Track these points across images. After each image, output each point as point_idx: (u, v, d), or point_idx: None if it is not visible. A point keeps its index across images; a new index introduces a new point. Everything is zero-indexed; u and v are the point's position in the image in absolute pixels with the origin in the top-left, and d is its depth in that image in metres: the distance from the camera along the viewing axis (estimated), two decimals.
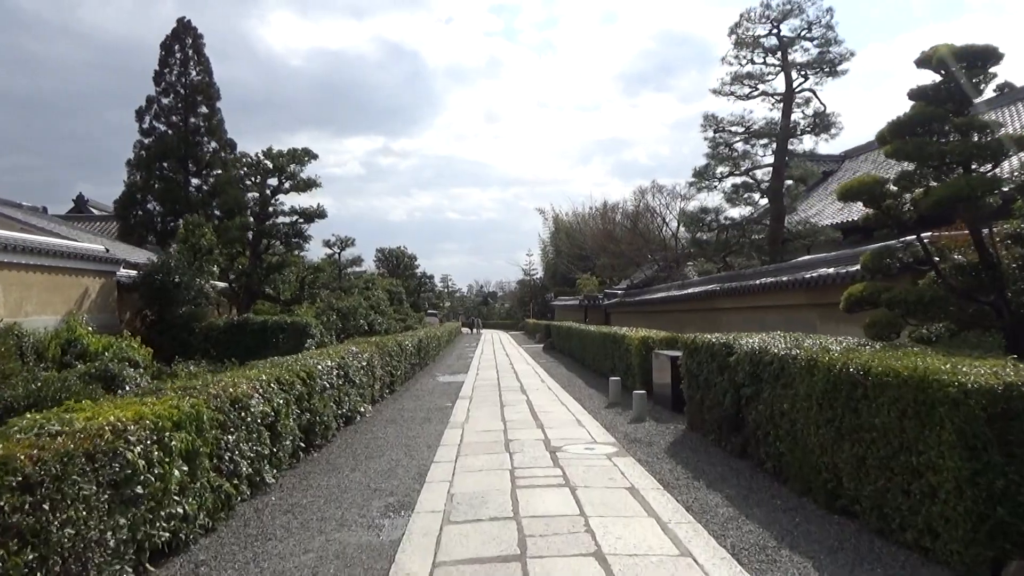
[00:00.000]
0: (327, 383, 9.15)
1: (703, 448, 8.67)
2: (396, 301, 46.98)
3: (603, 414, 12.00)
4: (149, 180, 31.32)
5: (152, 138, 31.81)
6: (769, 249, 19.19)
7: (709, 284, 19.24)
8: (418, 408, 13.12)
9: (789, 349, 6.67)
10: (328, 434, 9.22)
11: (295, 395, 7.77)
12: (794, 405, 6.33)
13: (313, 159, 21.11)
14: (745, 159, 20.41)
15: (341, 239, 36.76)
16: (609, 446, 8.98)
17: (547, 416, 11.74)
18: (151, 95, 32.20)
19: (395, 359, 15.66)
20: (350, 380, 10.65)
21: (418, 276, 75.23)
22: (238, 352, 16.75)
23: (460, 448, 9.01)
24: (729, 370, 8.04)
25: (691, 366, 9.64)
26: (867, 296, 8.73)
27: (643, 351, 13.99)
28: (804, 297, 13.42)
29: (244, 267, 19.99)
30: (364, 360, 11.86)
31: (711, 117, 20.83)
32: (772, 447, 6.88)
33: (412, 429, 10.65)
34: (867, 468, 5.19)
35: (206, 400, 5.48)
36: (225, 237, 20.22)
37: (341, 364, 10.15)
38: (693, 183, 20.60)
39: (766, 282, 14.81)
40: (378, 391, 13.48)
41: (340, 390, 9.96)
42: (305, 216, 20.88)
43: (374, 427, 10.81)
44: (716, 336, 9.12)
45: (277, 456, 7.06)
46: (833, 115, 19.44)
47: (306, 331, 16.96)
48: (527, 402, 13.78)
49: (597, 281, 48.40)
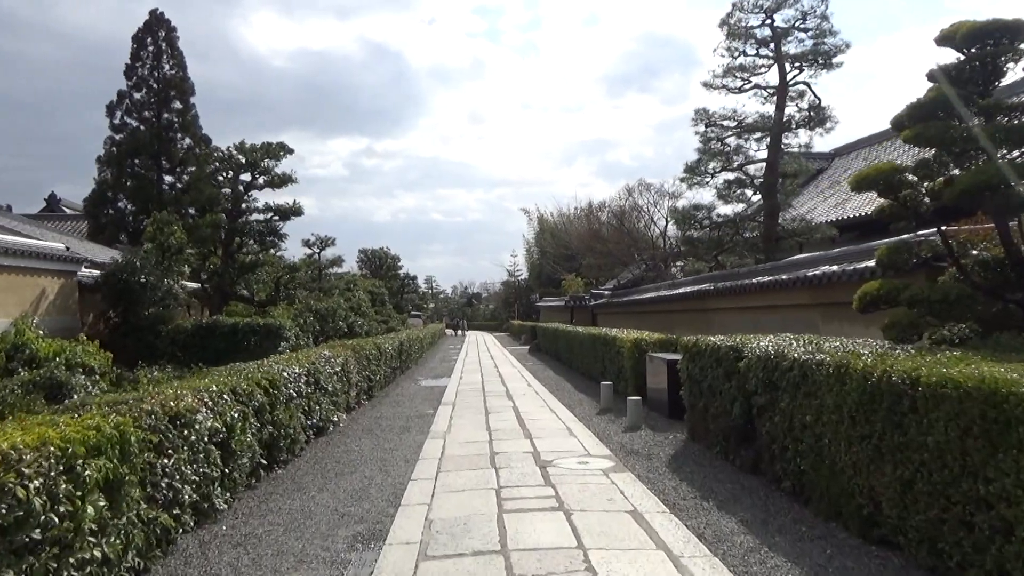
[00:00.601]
0: (294, 392, 8.30)
1: (708, 462, 7.89)
2: (378, 302, 46.02)
3: (595, 422, 11.22)
4: (120, 177, 30.14)
5: (123, 134, 30.60)
6: (763, 247, 18.52)
7: (701, 283, 18.53)
8: (397, 416, 12.28)
9: (811, 353, 5.90)
10: (295, 448, 8.36)
11: (254, 407, 6.92)
12: (819, 417, 5.57)
13: (289, 154, 20.21)
14: (738, 154, 19.75)
15: (321, 238, 35.86)
16: (605, 459, 8.19)
17: (535, 424, 10.94)
18: (122, 89, 31.01)
19: (373, 363, 14.80)
20: (321, 387, 9.79)
21: (401, 277, 74.22)
22: (207, 356, 15.84)
23: (441, 463, 8.18)
24: (738, 376, 7.28)
25: (692, 371, 8.88)
26: (884, 294, 8.01)
27: (636, 354, 13.23)
28: (806, 296, 12.71)
29: (216, 267, 19.02)
30: (338, 365, 11.00)
31: (702, 111, 20.16)
32: (791, 464, 6.12)
33: (389, 440, 9.81)
34: (915, 494, 4.44)
35: (137, 418, 4.63)
36: (196, 235, 19.23)
37: (311, 370, 9.29)
38: (684, 178, 19.94)
39: (764, 281, 14.09)
40: (354, 398, 12.62)
41: (310, 399, 9.11)
42: (280, 213, 19.93)
43: (348, 438, 9.96)
44: (722, 338, 8.36)
45: (231, 478, 6.20)
46: (828, 108, 18.82)
47: (279, 334, 16.06)
48: (513, 408, 12.97)
49: (583, 282, 47.73)
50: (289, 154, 20.11)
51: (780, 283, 13.35)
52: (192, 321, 16.38)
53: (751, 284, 14.73)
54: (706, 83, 20.15)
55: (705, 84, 20.17)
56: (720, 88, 20.07)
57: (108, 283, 16.24)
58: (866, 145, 29.75)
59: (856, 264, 10.91)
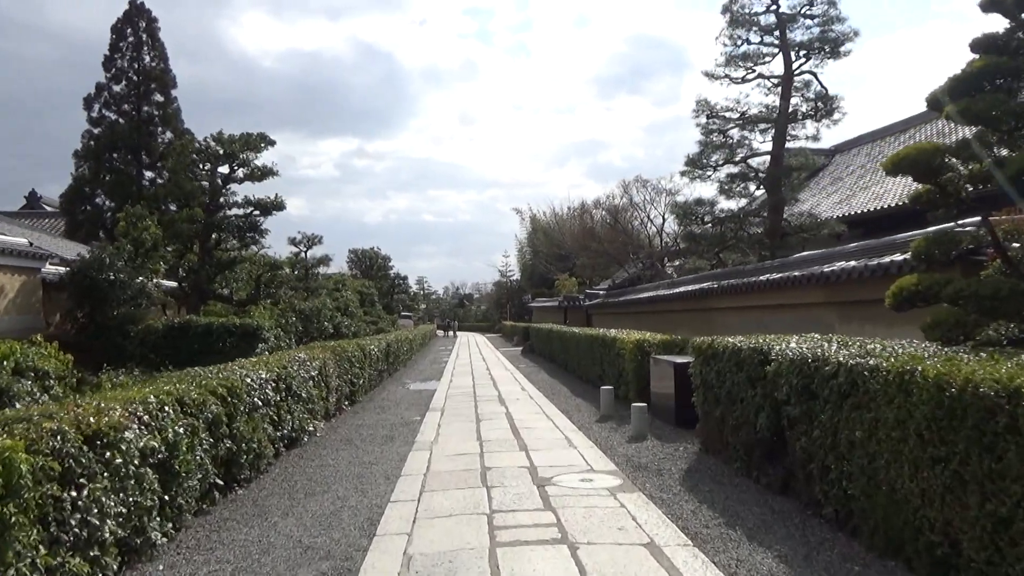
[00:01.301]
0: (259, 400, 7.34)
1: (727, 479, 6.98)
2: (368, 303, 45.02)
3: (596, 430, 10.30)
4: (98, 173, 29.09)
5: (102, 128, 29.56)
6: (769, 243, 17.64)
7: (703, 282, 17.65)
8: (381, 423, 11.32)
9: (861, 357, 5.00)
10: (260, 464, 7.39)
11: (207, 419, 5.96)
12: (874, 434, 4.67)
13: (270, 145, 19.15)
14: (741, 147, 18.85)
15: (308, 236, 34.72)
16: (610, 476, 7.26)
17: (531, 434, 10.01)
18: (101, 82, 29.96)
19: (357, 366, 13.83)
20: (294, 394, 8.83)
21: (391, 277, 73.17)
22: (180, 359, 14.83)
23: (426, 480, 7.24)
24: (764, 382, 6.37)
25: (707, 376, 7.96)
26: (924, 290, 7.14)
27: (638, 356, 12.32)
28: (820, 295, 11.83)
29: (192, 264, 17.99)
30: (314, 369, 10.04)
31: (703, 102, 19.24)
32: (835, 487, 5.21)
33: (370, 452, 8.86)
34: (1013, 536, 3.53)
35: (34, 440, 3.67)
36: (172, 231, 18.21)
37: (281, 375, 8.33)
38: (686, 172, 18.99)
39: (773, 279, 13.19)
40: (334, 404, 11.66)
41: (279, 407, 8.15)
42: (261, 208, 18.90)
43: (324, 450, 9.00)
44: (741, 339, 7.45)
45: (174, 505, 5.24)
46: (836, 98, 17.94)
47: (256, 335, 15.06)
48: (507, 415, 12.04)
49: (576, 281, 46.89)
50: (270, 146, 19.07)
51: (791, 281, 12.46)
52: (164, 321, 15.38)
53: (759, 282, 13.83)
54: (707, 72, 19.24)
55: (706, 74, 19.26)
56: (722, 78, 19.17)
57: (74, 281, 15.22)
58: (868, 141, 29.02)
59: (880, 259, 10.03)
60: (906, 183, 20.51)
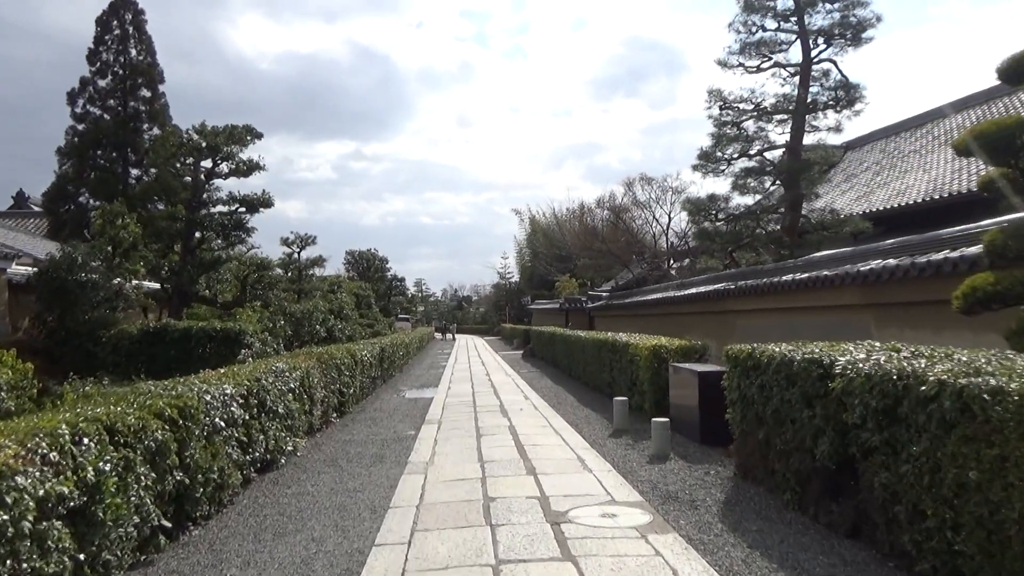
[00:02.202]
0: (222, 420, 6.24)
1: (777, 515, 5.88)
2: (364, 305, 43.89)
3: (610, 448, 9.20)
4: (82, 170, 27.97)
5: (86, 124, 28.45)
6: (788, 241, 16.56)
7: (718, 283, 16.58)
8: (371, 439, 10.22)
9: (972, 375, 3.90)
10: (223, 495, 6.28)
11: (148, 449, 4.86)
12: (998, 476, 3.58)
13: (257, 139, 18.05)
14: (756, 140, 17.78)
15: (301, 237, 33.53)
16: (636, 509, 6.16)
17: (538, 452, 8.90)
18: (85, 76, 28.85)
19: (346, 374, 12.72)
20: (269, 410, 7.72)
21: (389, 279, 72.02)
22: (155, 366, 13.74)
23: (418, 515, 6.14)
24: (826, 401, 5.28)
25: (747, 390, 6.87)
26: (1004, 291, 6.10)
27: (655, 364, 11.22)
28: (856, 295, 10.74)
29: (173, 264, 16.86)
30: (294, 380, 8.93)
31: (716, 92, 18.15)
32: (935, 538, 4.11)
33: (356, 476, 7.76)
34: None
35: None
36: (151, 229, 17.09)
37: (253, 389, 7.22)
38: (698, 166, 17.91)
39: (800, 279, 12.10)
40: (319, 417, 10.56)
41: (249, 427, 7.05)
42: (247, 205, 17.77)
43: (304, 473, 7.89)
44: (788, 347, 6.34)
45: (97, 563, 4.13)
46: (859, 87, 16.87)
47: (239, 339, 13.94)
48: (510, 429, 10.93)
49: (577, 283, 45.81)
50: (257, 139, 17.95)
51: (822, 281, 11.38)
52: (138, 326, 14.27)
53: (783, 283, 12.75)
54: (720, 61, 18.19)
55: (719, 63, 18.21)
56: (736, 67, 18.11)
57: (42, 282, 14.10)
58: (881, 137, 28.01)
59: (928, 255, 8.96)
60: (930, 179, 19.45)
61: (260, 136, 18.02)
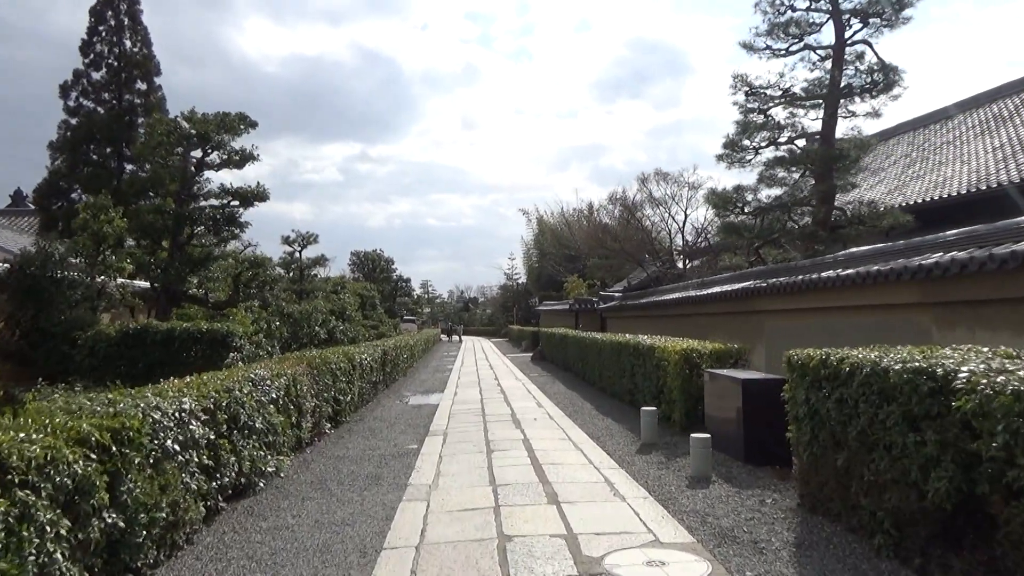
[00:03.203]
0: (175, 443, 5.07)
1: (869, 564, 4.67)
2: (368, 306, 42.80)
3: (641, 467, 8.01)
4: (75, 165, 26.90)
5: (79, 118, 27.41)
6: (821, 236, 15.32)
7: (745, 280, 15.37)
8: (367, 454, 9.05)
9: None
10: (176, 536, 5.09)
11: (63, 487, 3.69)
12: None
13: (251, 128, 16.89)
14: (784, 128, 16.55)
15: (302, 235, 32.54)
16: (688, 554, 4.96)
17: (559, 473, 7.71)
18: (79, 68, 27.82)
19: (343, 380, 11.57)
20: (244, 426, 6.56)
21: (394, 280, 70.95)
22: (136, 370, 12.65)
23: (418, 560, 4.95)
24: (942, 424, 4.09)
25: (818, 404, 5.65)
26: None
27: (686, 370, 10.02)
28: (913, 293, 9.51)
29: (159, 261, 15.73)
30: (278, 389, 7.77)
31: (741, 77, 16.95)
32: None
33: (346, 503, 6.58)
34: None
35: None
36: (137, 223, 15.97)
37: (221, 403, 6.05)
38: (723, 155, 16.71)
39: (846, 275, 10.88)
40: (310, 430, 9.39)
41: (217, 448, 5.88)
42: (240, 197, 16.62)
43: (285, 500, 6.72)
44: (880, 353, 5.12)
45: None
46: (896, 70, 15.60)
47: (226, 342, 12.79)
48: (524, 442, 9.74)
49: (586, 284, 44.60)
50: (251, 128, 16.79)
51: (872, 277, 10.16)
52: (117, 327, 13.15)
53: (823, 280, 11.53)
54: (745, 44, 16.98)
55: (744, 45, 17.01)
56: (762, 50, 16.89)
57: (14, 279, 13.00)
58: (908, 130, 26.81)
59: (1011, 245, 7.73)
60: (971, 170, 18.19)
61: (254, 125, 16.88)
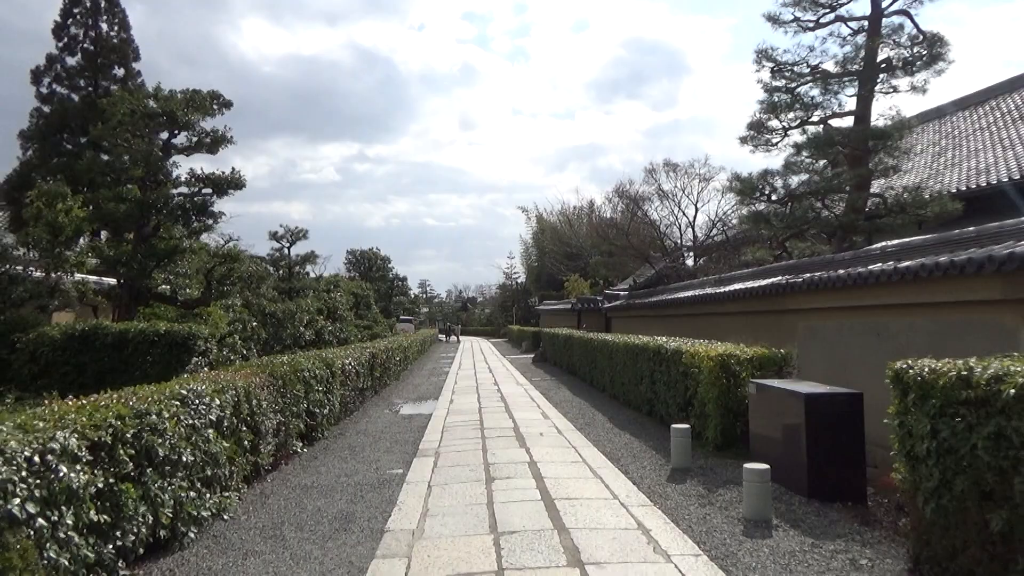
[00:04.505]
0: (27, 506, 3.45)
1: None
2: (363, 306, 41.23)
3: (678, 502, 6.42)
4: (46, 156, 25.27)
5: (52, 105, 25.79)
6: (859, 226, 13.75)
7: (771, 276, 13.78)
8: (342, 482, 7.44)
9: None
10: None
11: None
12: None
13: (225, 108, 15.32)
14: (815, 107, 15.00)
15: (291, 230, 31.03)
16: None
17: (577, 514, 6.10)
18: (52, 53, 26.20)
19: (319, 389, 9.96)
20: (165, 461, 4.95)
21: (390, 279, 69.36)
22: (83, 378, 11.05)
23: None
24: None
25: (953, 439, 4.04)
26: None
27: (723, 379, 8.43)
28: (991, 289, 7.90)
29: (120, 255, 14.11)
30: (223, 406, 6.15)
31: (765, 52, 15.42)
32: None
33: (302, 563, 4.97)
34: None
35: None
36: (97, 213, 14.35)
37: (121, 433, 4.44)
38: (747, 137, 15.15)
39: (905, 267, 9.28)
40: (272, 453, 7.78)
41: (114, 496, 4.27)
42: (212, 184, 14.99)
43: (220, 558, 5.10)
44: None
45: None
46: (941, 41, 14.04)
47: (188, 344, 11.18)
48: (530, 467, 8.14)
49: (588, 283, 43.07)
50: (226, 108, 15.22)
51: (942, 269, 8.56)
52: (61, 328, 11.53)
53: (876, 273, 9.93)
54: (771, 16, 15.46)
55: (769, 17, 15.49)
56: (790, 23, 15.38)
57: None
58: (934, 117, 25.26)
59: None
60: (1015, 156, 16.66)
61: (228, 105, 15.27)
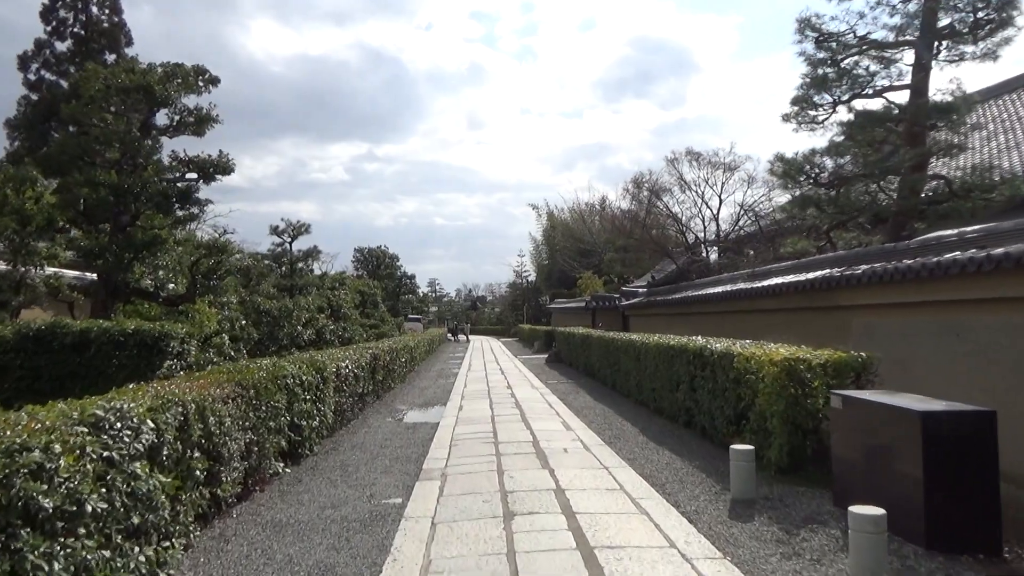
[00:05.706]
0: None
1: None
2: (370, 304, 39.85)
3: (750, 548, 4.94)
4: (34, 145, 24.01)
5: (40, 92, 24.54)
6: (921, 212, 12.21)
7: (818, 268, 12.28)
8: (324, 518, 6.00)
9: None
10: None
11: None
12: None
13: (212, 85, 13.92)
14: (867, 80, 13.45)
15: (292, 225, 29.68)
16: None
17: (628, 572, 4.62)
18: (40, 37, 24.97)
19: (305, 398, 8.52)
20: (53, 517, 3.52)
21: (398, 277, 68.03)
22: (38, 383, 9.67)
23: None
24: None
25: None
26: None
27: (790, 388, 6.92)
28: None
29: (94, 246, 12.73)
30: (162, 429, 4.71)
31: (807, 21, 13.88)
32: None
33: None
34: None
35: None
36: (67, 198, 12.98)
37: None
38: (790, 115, 13.64)
39: (1000, 254, 7.75)
40: (239, 481, 6.34)
41: None
42: (198, 168, 13.59)
43: None
44: None
45: None
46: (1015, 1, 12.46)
47: (160, 346, 9.78)
48: (557, 495, 6.66)
49: (603, 280, 41.62)
50: (213, 86, 13.82)
51: None
52: (11, 327, 10.15)
53: (959, 262, 8.39)
54: None
55: None
56: None
57: None
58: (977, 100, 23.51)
59: None
60: None
61: (216, 82, 13.85)
